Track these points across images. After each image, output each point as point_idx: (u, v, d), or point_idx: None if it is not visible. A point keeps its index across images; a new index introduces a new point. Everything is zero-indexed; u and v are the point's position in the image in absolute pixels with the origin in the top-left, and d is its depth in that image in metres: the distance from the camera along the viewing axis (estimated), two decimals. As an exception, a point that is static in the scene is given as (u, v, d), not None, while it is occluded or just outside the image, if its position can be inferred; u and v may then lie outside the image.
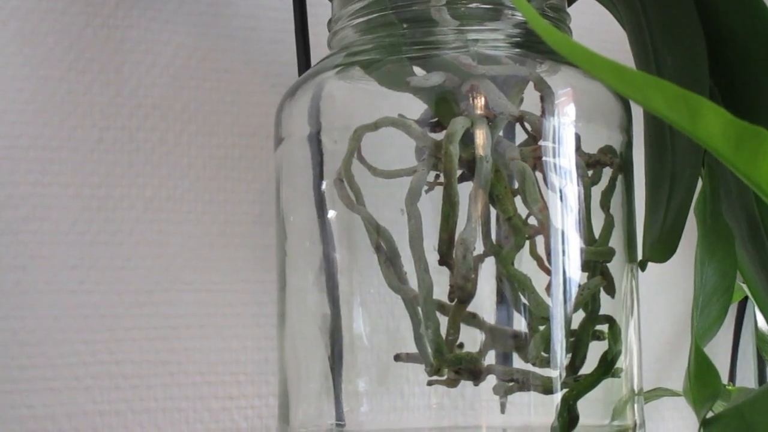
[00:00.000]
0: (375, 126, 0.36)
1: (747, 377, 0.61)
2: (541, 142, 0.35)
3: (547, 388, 0.34)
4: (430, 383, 0.35)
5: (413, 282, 0.35)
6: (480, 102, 0.35)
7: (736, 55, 0.34)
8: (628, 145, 0.39)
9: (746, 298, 0.59)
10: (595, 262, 0.36)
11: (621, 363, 0.36)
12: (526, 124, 0.36)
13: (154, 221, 0.50)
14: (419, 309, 0.35)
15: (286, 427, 0.38)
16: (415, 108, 0.37)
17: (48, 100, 0.49)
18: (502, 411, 0.36)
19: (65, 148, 0.49)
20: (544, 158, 0.35)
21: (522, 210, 0.35)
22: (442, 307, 0.35)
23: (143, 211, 0.50)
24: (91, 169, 0.50)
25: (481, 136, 0.34)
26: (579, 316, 0.35)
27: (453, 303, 0.34)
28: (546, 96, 0.36)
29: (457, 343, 0.35)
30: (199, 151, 0.52)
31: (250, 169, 0.52)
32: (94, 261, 0.49)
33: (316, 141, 0.39)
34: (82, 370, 0.49)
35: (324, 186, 0.39)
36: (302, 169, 0.39)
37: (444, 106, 0.36)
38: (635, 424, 0.37)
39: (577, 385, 0.34)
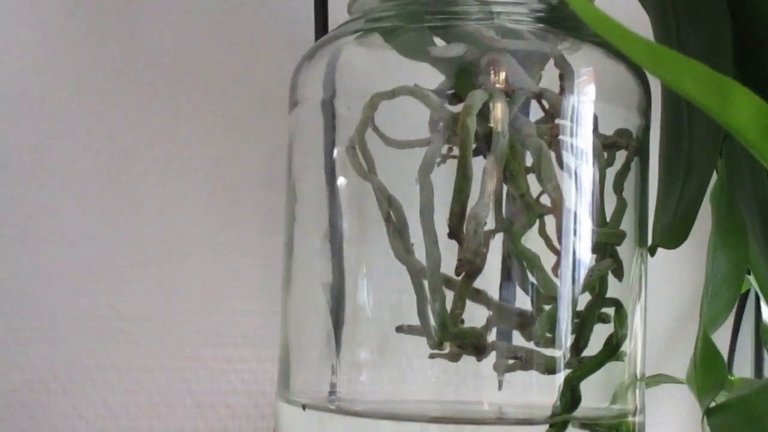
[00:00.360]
0: (392, 94, 0.35)
1: (744, 369, 0.61)
2: (558, 121, 0.35)
3: (550, 368, 0.34)
4: (432, 356, 0.35)
5: (421, 255, 0.34)
6: (500, 76, 0.34)
7: (764, 44, 0.34)
8: (646, 128, 0.38)
9: (748, 290, 0.59)
10: (605, 244, 0.36)
11: (625, 347, 0.36)
12: (545, 102, 0.36)
13: (161, 178, 0.50)
14: (425, 282, 0.34)
15: (286, 391, 0.38)
16: (431, 80, 0.36)
17: (59, 51, 0.48)
18: (500, 388, 0.36)
19: (75, 101, 0.49)
20: (560, 137, 0.35)
21: (534, 189, 0.34)
22: (448, 281, 0.35)
23: (150, 168, 0.50)
24: (100, 123, 0.49)
25: (498, 111, 0.34)
26: (585, 298, 0.35)
27: (460, 277, 0.34)
28: (566, 74, 0.35)
29: (461, 318, 0.34)
30: (209, 109, 0.51)
31: (261, 131, 0.52)
32: (100, 215, 0.49)
33: (330, 107, 0.38)
34: (82, 323, 0.48)
35: (336, 153, 0.38)
36: (315, 134, 0.39)
37: (463, 78, 0.35)
38: (636, 409, 0.37)
39: (581, 367, 0.34)
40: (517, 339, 0.36)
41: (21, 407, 0.47)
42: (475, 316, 0.36)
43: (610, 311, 0.36)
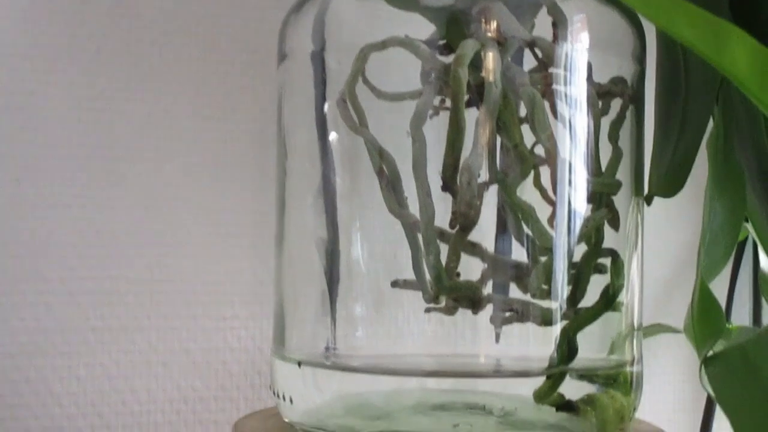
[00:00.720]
0: (383, 45, 0.35)
1: (742, 318, 0.61)
2: (551, 69, 0.34)
3: (546, 320, 0.34)
4: (427, 310, 0.34)
5: (414, 208, 0.34)
6: (491, 25, 0.34)
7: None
8: (641, 76, 0.38)
9: (745, 238, 0.58)
10: (601, 194, 0.35)
11: (622, 297, 0.36)
12: (537, 51, 0.35)
13: (152, 137, 0.50)
14: (419, 235, 0.34)
15: (281, 348, 0.38)
16: (422, 31, 0.36)
17: (44, 10, 0.48)
18: (497, 341, 0.36)
19: (63, 59, 0.48)
20: (554, 86, 0.34)
21: (528, 139, 0.34)
22: (442, 235, 0.34)
23: (141, 126, 0.49)
24: (88, 81, 0.48)
25: (490, 60, 0.33)
26: (581, 249, 0.35)
27: (454, 230, 0.33)
28: (559, 22, 0.35)
29: (456, 271, 0.34)
30: (199, 66, 0.50)
31: (251, 86, 0.51)
32: (90, 175, 0.48)
33: (319, 59, 0.38)
34: (75, 285, 0.48)
35: (326, 107, 0.38)
36: (305, 88, 0.39)
37: (454, 27, 0.35)
38: (633, 359, 0.37)
39: (578, 318, 0.34)
40: (514, 292, 0.35)
41: (17, 372, 0.47)
42: (472, 269, 0.35)
43: (607, 262, 0.35)
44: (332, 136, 0.38)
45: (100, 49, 0.49)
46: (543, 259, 0.34)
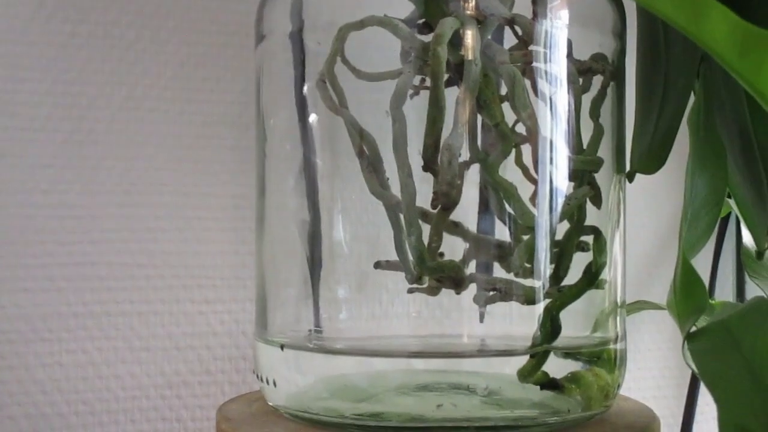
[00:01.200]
0: (361, 24, 0.34)
1: (725, 293, 0.62)
2: (531, 47, 0.34)
3: (529, 298, 0.34)
4: (410, 291, 0.34)
5: (396, 189, 0.34)
6: (470, 2, 0.34)
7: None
8: (621, 52, 0.38)
9: (729, 214, 0.58)
10: (583, 171, 0.35)
11: (605, 275, 0.36)
12: (517, 28, 0.35)
13: (130, 120, 0.49)
14: (401, 216, 0.34)
15: (264, 331, 0.38)
16: (401, 10, 0.36)
17: (19, -8, 0.47)
18: (481, 320, 0.36)
19: (38, 43, 0.47)
20: (534, 64, 0.34)
21: (509, 118, 0.34)
22: (424, 215, 0.34)
23: (118, 110, 0.49)
24: (64, 66, 0.48)
25: (470, 38, 0.33)
26: (564, 227, 0.35)
27: (436, 210, 0.33)
28: (539, -1, 0.34)
29: (439, 251, 0.34)
30: (176, 48, 0.50)
31: (230, 67, 0.51)
32: (68, 160, 0.48)
33: (298, 39, 0.37)
34: (55, 271, 0.48)
35: (306, 88, 0.37)
36: (283, 69, 0.38)
37: (433, 5, 0.34)
38: (617, 336, 0.37)
39: (561, 296, 0.34)
40: (498, 271, 0.35)
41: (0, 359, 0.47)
42: (457, 249, 0.35)
43: (589, 239, 0.35)
44: (312, 117, 0.37)
45: (75, 32, 0.48)
46: (525, 237, 0.34)
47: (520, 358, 0.34)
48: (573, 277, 0.35)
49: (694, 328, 0.31)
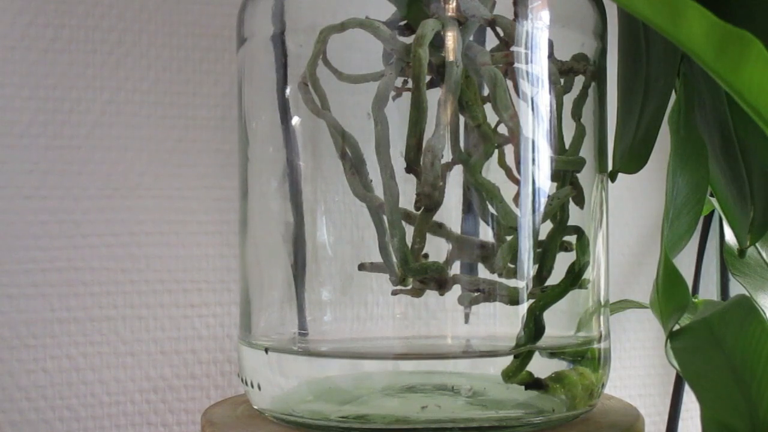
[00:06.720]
0: (342, 27, 0.34)
1: (710, 291, 0.62)
2: (513, 48, 0.34)
3: (513, 299, 0.34)
4: (394, 293, 0.34)
5: (379, 191, 0.34)
6: (451, 4, 0.34)
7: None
8: (602, 52, 0.38)
9: (712, 212, 0.59)
10: (565, 172, 0.35)
11: (588, 274, 0.36)
12: (498, 29, 0.35)
13: (113, 125, 0.49)
14: (384, 218, 0.34)
15: (248, 335, 0.38)
16: (382, 12, 0.36)
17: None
18: (466, 321, 0.36)
19: (18, 48, 0.47)
20: (515, 64, 0.34)
21: (491, 119, 0.34)
22: (408, 216, 0.34)
23: (101, 115, 0.49)
24: (45, 71, 0.48)
25: (451, 40, 0.33)
26: (547, 227, 0.35)
27: (419, 212, 0.33)
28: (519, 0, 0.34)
29: (422, 253, 0.34)
30: (159, 52, 0.50)
31: (212, 71, 0.51)
32: (51, 165, 0.48)
33: (280, 42, 0.37)
34: (39, 276, 0.48)
35: (288, 91, 0.37)
36: (265, 71, 0.38)
37: (414, 7, 0.34)
38: (601, 335, 0.37)
39: (544, 296, 0.34)
40: (482, 272, 0.35)
41: (-17, 364, 0.47)
42: (442, 250, 0.35)
43: (572, 239, 0.36)
44: (295, 119, 0.37)
45: (56, 36, 0.48)
46: (509, 238, 0.34)
47: (504, 359, 0.34)
48: (556, 277, 0.35)
49: (677, 327, 0.31)
